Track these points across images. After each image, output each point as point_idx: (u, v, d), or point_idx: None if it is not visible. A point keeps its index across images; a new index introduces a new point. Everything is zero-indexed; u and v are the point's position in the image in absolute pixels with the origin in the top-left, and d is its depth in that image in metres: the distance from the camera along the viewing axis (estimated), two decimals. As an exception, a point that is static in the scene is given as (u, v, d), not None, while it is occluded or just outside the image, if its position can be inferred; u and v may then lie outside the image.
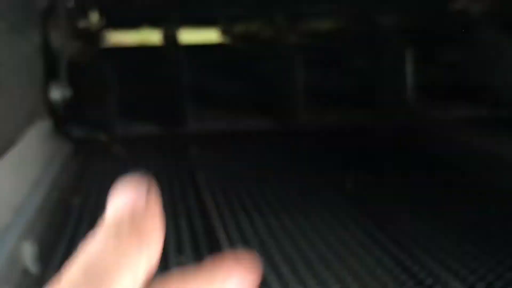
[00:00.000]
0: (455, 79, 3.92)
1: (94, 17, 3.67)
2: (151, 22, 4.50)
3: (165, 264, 1.77)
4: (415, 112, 3.45)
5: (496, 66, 3.48)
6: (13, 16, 2.34)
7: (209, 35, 4.82)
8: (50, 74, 3.00)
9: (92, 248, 0.32)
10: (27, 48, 2.69)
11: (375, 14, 3.80)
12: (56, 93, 2.95)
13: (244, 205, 2.37)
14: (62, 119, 3.13)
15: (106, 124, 3.21)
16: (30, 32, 2.75)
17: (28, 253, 1.80)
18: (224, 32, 4.72)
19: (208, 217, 2.19)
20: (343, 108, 3.77)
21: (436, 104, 3.65)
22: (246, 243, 1.95)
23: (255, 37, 4.44)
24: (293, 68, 3.43)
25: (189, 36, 4.34)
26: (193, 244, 1.99)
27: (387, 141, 3.37)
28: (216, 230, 2.01)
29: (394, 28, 3.69)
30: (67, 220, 2.25)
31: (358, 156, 3.10)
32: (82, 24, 3.61)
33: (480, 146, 2.80)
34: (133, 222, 0.33)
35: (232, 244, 1.94)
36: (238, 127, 3.62)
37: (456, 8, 3.96)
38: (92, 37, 3.95)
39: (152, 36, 4.59)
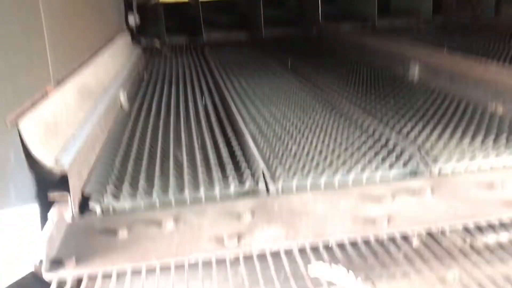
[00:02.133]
0: (345, 10, 3.95)
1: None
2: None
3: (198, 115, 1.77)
4: (323, 28, 3.48)
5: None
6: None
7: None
8: (128, 10, 3.04)
9: None
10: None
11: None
12: (132, 20, 3.01)
13: (234, 73, 2.36)
14: (135, 34, 3.15)
15: (159, 37, 3.24)
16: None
17: (122, 97, 1.82)
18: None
19: (219, 85, 2.16)
20: (285, 26, 3.76)
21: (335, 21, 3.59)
22: (239, 96, 1.90)
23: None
24: (257, 5, 3.45)
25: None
26: (209, 92, 2.02)
27: (308, 42, 3.38)
28: (223, 90, 2.04)
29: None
30: (141, 83, 2.26)
31: (292, 49, 3.08)
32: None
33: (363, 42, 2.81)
34: None
35: (230, 92, 1.93)
36: (229, 38, 3.62)
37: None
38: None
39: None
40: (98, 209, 1.03)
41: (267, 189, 1.08)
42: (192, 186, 1.09)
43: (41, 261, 0.81)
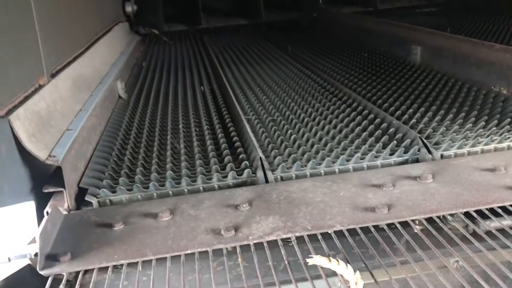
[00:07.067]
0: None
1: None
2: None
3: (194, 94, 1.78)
4: (324, 10, 3.44)
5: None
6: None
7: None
8: (125, -2, 3.01)
9: None
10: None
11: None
12: (129, 8, 2.98)
13: (234, 60, 2.39)
14: (132, 22, 3.15)
15: (157, 25, 3.21)
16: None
17: (120, 87, 1.81)
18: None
19: (217, 71, 2.15)
20: (284, 10, 3.74)
21: (335, 6, 3.63)
22: (237, 83, 1.92)
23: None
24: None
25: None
26: (208, 79, 2.03)
27: (309, 26, 3.36)
28: (221, 73, 2.03)
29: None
30: (139, 72, 2.25)
31: (292, 34, 3.13)
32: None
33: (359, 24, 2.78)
34: None
35: (229, 80, 1.91)
36: (228, 23, 3.60)
37: None
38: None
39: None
40: (94, 202, 1.02)
41: (266, 179, 1.06)
42: (189, 177, 1.08)
43: (36, 254, 0.80)
